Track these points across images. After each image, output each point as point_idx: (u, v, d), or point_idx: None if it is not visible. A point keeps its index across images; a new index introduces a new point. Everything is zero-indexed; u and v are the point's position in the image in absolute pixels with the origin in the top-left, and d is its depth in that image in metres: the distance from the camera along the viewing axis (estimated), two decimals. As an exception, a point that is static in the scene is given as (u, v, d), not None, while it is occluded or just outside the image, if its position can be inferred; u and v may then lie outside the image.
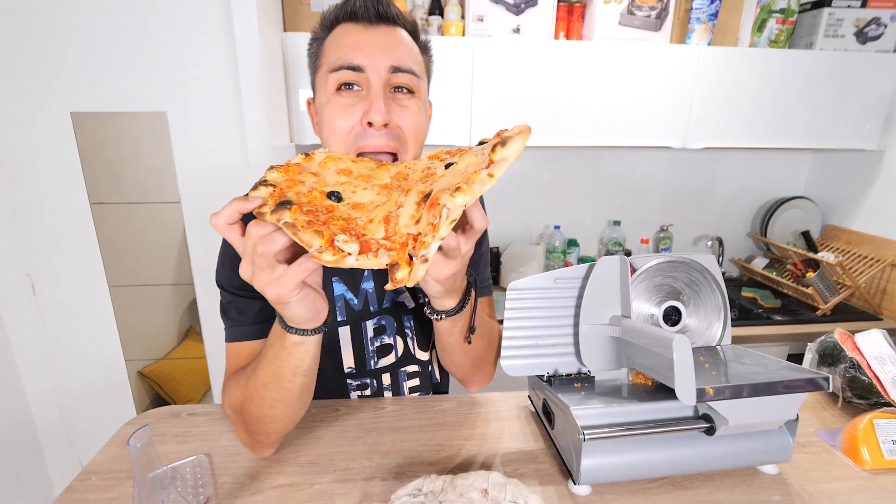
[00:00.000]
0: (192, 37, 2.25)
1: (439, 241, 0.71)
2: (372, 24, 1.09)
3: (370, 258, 0.71)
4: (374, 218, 0.79)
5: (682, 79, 2.67)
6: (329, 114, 1.09)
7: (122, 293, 2.55)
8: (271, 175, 0.85)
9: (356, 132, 1.07)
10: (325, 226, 0.74)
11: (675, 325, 1.09)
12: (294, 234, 0.71)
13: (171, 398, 2.73)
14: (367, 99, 1.07)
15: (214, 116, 2.35)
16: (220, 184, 2.42)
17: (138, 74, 2.27)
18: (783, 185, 3.49)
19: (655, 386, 1.07)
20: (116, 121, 2.32)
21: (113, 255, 2.48)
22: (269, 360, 0.96)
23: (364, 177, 0.92)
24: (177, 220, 2.47)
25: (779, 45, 2.79)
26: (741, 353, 1.05)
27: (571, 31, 2.77)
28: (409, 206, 0.78)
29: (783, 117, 2.79)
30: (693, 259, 1.08)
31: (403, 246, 0.72)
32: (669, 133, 2.73)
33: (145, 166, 2.40)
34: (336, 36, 1.11)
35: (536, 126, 2.61)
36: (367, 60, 1.06)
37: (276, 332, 0.93)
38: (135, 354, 2.67)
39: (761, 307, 2.97)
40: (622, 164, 3.35)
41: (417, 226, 0.74)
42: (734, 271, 3.56)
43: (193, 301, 2.62)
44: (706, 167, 3.41)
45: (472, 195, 0.69)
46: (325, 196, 0.83)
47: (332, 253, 0.70)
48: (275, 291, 0.78)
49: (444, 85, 2.51)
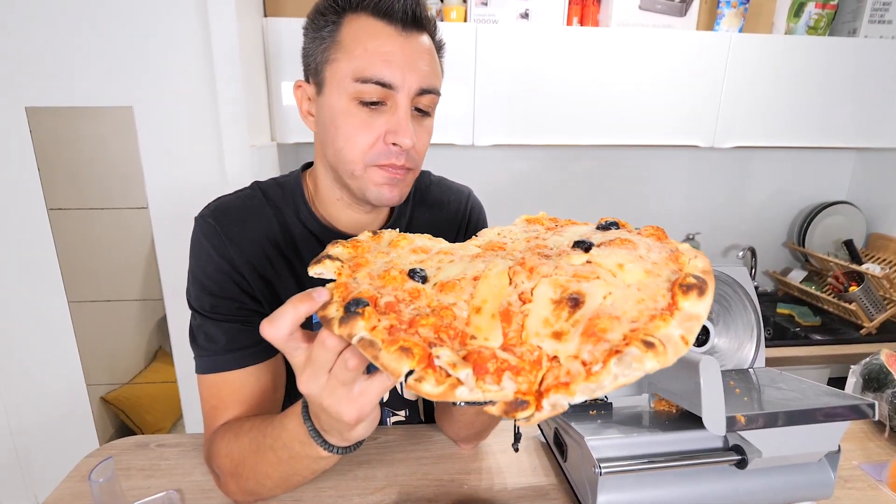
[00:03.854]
0: (161, 23, 2.25)
1: (590, 396, 0.56)
2: (406, 30, 1.07)
3: (489, 386, 0.58)
4: (481, 307, 0.67)
5: (710, 70, 2.67)
6: (347, 124, 1.08)
7: (84, 310, 2.54)
8: (335, 250, 0.79)
9: (379, 150, 1.08)
10: (411, 330, 0.63)
11: (702, 346, 1.09)
12: (374, 357, 0.60)
13: (138, 427, 2.72)
14: (390, 115, 1.08)
15: (187, 112, 2.35)
16: (194, 187, 2.41)
17: (101, 65, 2.26)
18: (823, 188, 3.48)
19: (680, 413, 1.07)
20: (77, 117, 2.32)
21: (73, 267, 2.47)
22: (281, 461, 0.96)
23: (446, 251, 0.82)
24: (144, 228, 2.45)
25: (818, 32, 2.79)
26: (776, 377, 1.05)
27: (586, 16, 2.76)
28: (541, 303, 0.66)
29: (824, 113, 2.79)
30: (722, 272, 1.08)
31: (534, 366, 0.60)
32: (695, 131, 2.73)
33: (109, 167, 2.41)
34: (361, 31, 1.06)
35: (546, 122, 2.62)
36: (400, 79, 1.05)
37: (299, 437, 0.89)
38: (97, 378, 2.65)
39: (799, 325, 2.96)
40: (642, 166, 3.35)
41: (559, 345, 0.60)
42: (768, 285, 3.55)
43: (163, 319, 2.60)
44: (737, 169, 3.41)
45: (665, 363, 0.56)
46: (406, 276, 0.73)
47: (436, 381, 0.58)
48: (355, 412, 0.74)
49: (444, 76, 2.47)
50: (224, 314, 1.12)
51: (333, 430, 0.81)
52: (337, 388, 0.72)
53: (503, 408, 0.57)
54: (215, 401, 1.13)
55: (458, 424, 1.20)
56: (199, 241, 1.16)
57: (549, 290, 0.66)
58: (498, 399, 0.57)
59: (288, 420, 0.92)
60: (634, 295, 0.63)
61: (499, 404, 0.57)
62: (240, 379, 1.13)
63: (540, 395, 0.57)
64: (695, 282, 0.62)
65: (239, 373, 1.12)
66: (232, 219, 1.17)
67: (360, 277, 0.73)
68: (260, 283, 1.16)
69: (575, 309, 0.62)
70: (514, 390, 0.57)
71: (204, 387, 1.15)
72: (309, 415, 0.86)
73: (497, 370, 0.58)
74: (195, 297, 1.15)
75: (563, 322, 0.62)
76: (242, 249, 1.15)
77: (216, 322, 1.13)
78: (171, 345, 2.62)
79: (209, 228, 1.15)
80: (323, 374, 0.72)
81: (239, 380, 1.12)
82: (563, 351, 0.59)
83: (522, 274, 0.70)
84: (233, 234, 1.15)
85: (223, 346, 1.12)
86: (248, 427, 1.03)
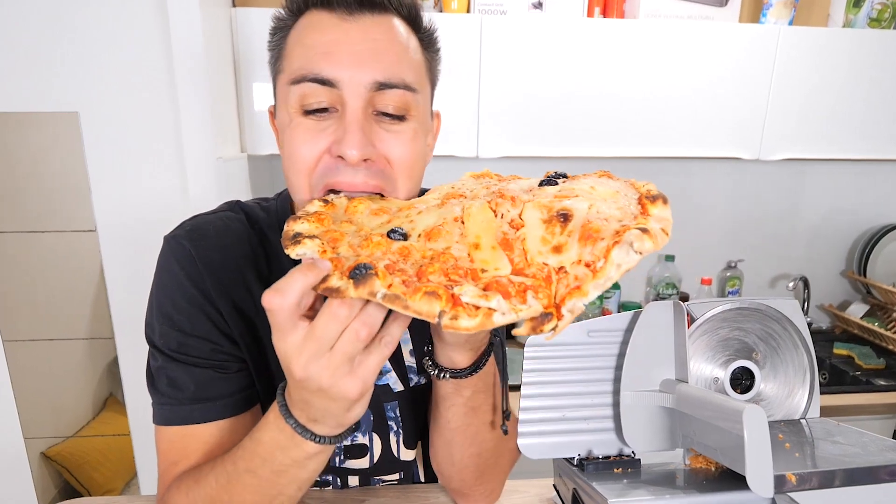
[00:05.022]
0: (112, 14, 2.24)
1: (602, 291, 0.70)
2: (351, 13, 0.99)
3: (518, 305, 0.69)
4: (478, 243, 0.78)
5: (755, 69, 2.68)
6: (289, 139, 1.02)
7: (21, 350, 2.53)
8: (303, 226, 0.82)
9: (324, 166, 1.00)
10: (423, 280, 0.72)
11: (746, 393, 1.10)
12: (404, 307, 0.69)
13: (86, 488, 2.72)
14: (339, 120, 0.99)
15: (142, 118, 2.34)
16: (150, 207, 2.41)
17: (41, 63, 2.25)
18: (887, 208, 3.50)
19: (720, 472, 1.07)
20: (12, 124, 2.34)
21: (8, 300, 2.48)
22: (262, 482, 0.95)
23: (406, 207, 0.93)
24: (92, 255, 2.45)
25: (882, 25, 2.81)
26: (833, 429, 1.05)
27: (610, 6, 2.76)
28: (533, 224, 0.78)
29: (889, 119, 2.80)
30: (770, 305, 1.09)
31: (548, 282, 0.72)
32: (738, 140, 2.75)
33: (51, 183, 2.41)
34: (303, 29, 1.02)
35: (563, 131, 2.63)
36: (342, 72, 0.97)
37: (280, 444, 0.90)
38: (37, 431, 2.65)
39: (859, 368, 2.96)
40: (676, 182, 3.36)
41: (561, 256, 0.73)
42: (824, 321, 3.56)
43: (114, 361, 2.58)
44: (786, 185, 3.42)
45: (657, 246, 0.70)
46: (387, 238, 0.81)
47: (469, 315, 0.68)
48: (359, 384, 0.77)
49: (443, 76, 2.47)
50: (194, 356, 1.09)
51: (328, 416, 0.83)
52: (339, 364, 0.75)
53: (531, 325, 0.68)
54: (177, 456, 1.10)
55: (456, 445, 1.15)
56: (168, 267, 1.12)
57: (536, 213, 0.79)
58: (530, 315, 0.68)
59: (262, 433, 0.92)
60: (613, 204, 0.80)
61: (525, 324, 0.68)
62: (209, 434, 1.09)
63: (558, 307, 0.69)
64: (657, 193, 0.78)
65: (209, 426, 1.09)
66: (211, 243, 1.14)
67: (344, 251, 0.78)
68: (238, 320, 1.13)
69: (566, 223, 0.76)
70: (542, 308, 0.69)
71: (163, 440, 1.11)
72: (290, 413, 0.87)
73: (518, 292, 0.69)
74: (159, 333, 1.10)
75: (560, 236, 0.75)
76: (220, 280, 1.12)
77: (183, 365, 1.09)
78: (123, 392, 2.60)
79: (183, 252, 1.11)
80: (325, 351, 0.74)
81: (207, 435, 1.09)
82: (567, 260, 0.73)
83: (505, 203, 0.84)
84: (211, 262, 1.12)
85: (191, 394, 1.08)
86: (209, 467, 1.01)
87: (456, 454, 1.17)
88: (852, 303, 3.43)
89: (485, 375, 1.06)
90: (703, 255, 3.44)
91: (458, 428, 1.12)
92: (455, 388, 1.05)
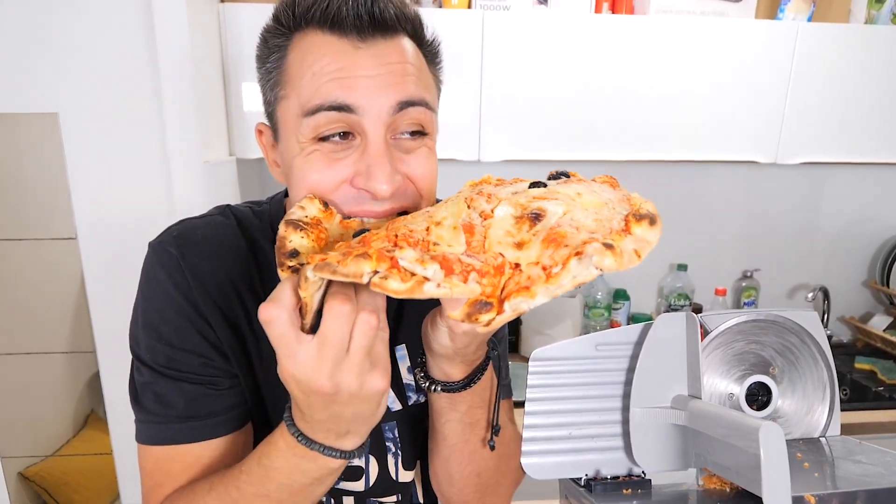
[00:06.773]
0: (94, 8, 2.22)
1: (550, 297, 0.70)
2: (364, 40, 0.97)
3: (456, 283, 0.70)
4: (441, 222, 0.80)
5: (772, 68, 2.68)
6: (303, 166, 0.99)
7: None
8: (298, 240, 0.84)
9: (344, 195, 0.99)
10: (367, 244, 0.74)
11: (762, 409, 1.10)
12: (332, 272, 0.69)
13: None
14: (361, 151, 0.98)
15: (125, 119, 2.32)
16: (134, 213, 2.39)
17: (18, 61, 2.23)
18: (912, 215, 3.50)
19: (735, 493, 1.07)
20: (-12, 126, 2.33)
21: (-17, 312, 2.47)
22: (274, 500, 0.94)
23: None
24: (73, 264, 2.43)
25: (905, 22, 2.81)
26: (854, 448, 1.05)
27: (619, 1, 2.75)
28: (504, 218, 0.80)
29: (914, 121, 2.79)
30: (788, 317, 1.09)
31: (498, 271, 0.73)
32: (754, 143, 2.75)
33: (29, 188, 2.42)
34: (308, 53, 0.99)
35: (570, 133, 2.63)
36: (363, 99, 0.95)
37: (304, 465, 0.90)
38: (14, 450, 2.64)
39: (882, 384, 2.97)
40: (688, 187, 3.35)
41: (520, 252, 0.74)
42: (845, 334, 3.56)
43: (95, 376, 2.58)
44: (805, 190, 3.42)
45: (621, 266, 0.70)
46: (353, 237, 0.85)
47: (402, 279, 0.69)
48: (384, 375, 0.80)
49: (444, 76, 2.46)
50: (184, 371, 1.07)
51: (359, 422, 0.85)
52: (361, 361, 0.77)
53: (466, 310, 0.71)
54: (162, 477, 1.08)
55: (454, 463, 1.15)
56: (154, 275, 1.11)
57: (510, 209, 0.80)
58: (465, 295, 0.70)
59: (273, 460, 0.92)
60: (592, 215, 0.78)
61: (462, 308, 0.71)
62: (198, 454, 1.08)
63: (501, 300, 0.71)
64: (647, 213, 0.76)
65: (198, 446, 1.07)
66: (200, 250, 1.12)
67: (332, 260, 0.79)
68: (228, 334, 1.11)
69: (536, 223, 0.77)
70: (479, 293, 0.70)
71: (148, 459, 1.10)
72: (312, 440, 0.87)
73: (462, 272, 0.71)
74: (145, 346, 1.08)
75: (525, 233, 0.76)
76: (209, 290, 1.10)
77: (172, 381, 1.07)
78: (105, 408, 2.59)
79: (170, 260, 1.10)
80: (344, 355, 0.76)
81: (197, 455, 1.08)
82: (525, 258, 0.74)
83: (481, 199, 0.85)
84: (200, 270, 1.10)
85: (180, 411, 1.07)
86: (206, 488, 1.00)
87: (455, 473, 1.17)
88: (875, 315, 3.43)
89: (481, 391, 1.07)
90: (718, 264, 3.44)
91: (456, 445, 1.12)
92: (449, 403, 1.06)
